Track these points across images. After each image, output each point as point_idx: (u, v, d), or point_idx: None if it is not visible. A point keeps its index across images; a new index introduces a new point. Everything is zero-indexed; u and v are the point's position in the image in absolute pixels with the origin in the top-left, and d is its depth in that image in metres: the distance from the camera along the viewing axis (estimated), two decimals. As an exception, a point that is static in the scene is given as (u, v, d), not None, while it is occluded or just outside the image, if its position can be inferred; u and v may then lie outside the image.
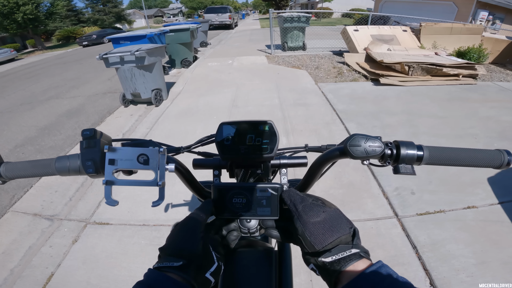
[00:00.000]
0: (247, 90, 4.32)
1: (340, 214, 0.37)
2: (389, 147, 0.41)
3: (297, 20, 6.71)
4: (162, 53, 3.93)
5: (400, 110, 3.38)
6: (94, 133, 0.41)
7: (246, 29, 17.20)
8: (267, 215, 0.42)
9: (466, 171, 2.17)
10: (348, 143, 0.40)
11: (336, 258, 0.32)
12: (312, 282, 1.38)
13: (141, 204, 2.01)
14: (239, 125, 0.46)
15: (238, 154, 0.46)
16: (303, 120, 3.17)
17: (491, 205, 1.84)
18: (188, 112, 3.63)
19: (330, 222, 0.35)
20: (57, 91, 5.83)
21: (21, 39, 22.89)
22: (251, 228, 0.43)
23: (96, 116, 4.04)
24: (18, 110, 4.75)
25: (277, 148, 0.46)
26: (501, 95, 3.86)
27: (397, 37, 6.07)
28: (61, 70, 8.59)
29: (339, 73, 5.02)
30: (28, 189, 2.37)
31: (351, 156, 0.40)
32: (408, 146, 0.41)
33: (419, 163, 0.41)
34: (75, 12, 27.00)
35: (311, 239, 0.34)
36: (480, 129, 2.85)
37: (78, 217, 1.97)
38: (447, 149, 0.42)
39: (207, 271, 0.35)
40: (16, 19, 16.53)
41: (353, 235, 0.34)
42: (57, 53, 15.55)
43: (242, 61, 6.45)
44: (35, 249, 1.73)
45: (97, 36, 17.52)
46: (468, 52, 5.43)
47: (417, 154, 0.41)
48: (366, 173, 2.18)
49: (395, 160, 0.41)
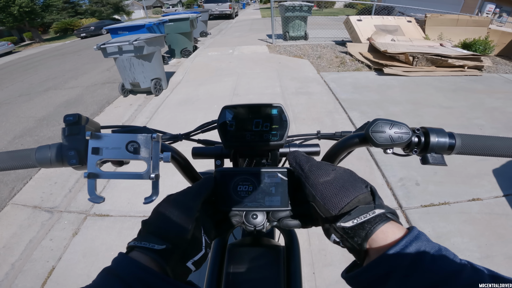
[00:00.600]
0: (248, 79, 4.26)
1: (352, 173, 0.32)
2: (417, 134, 0.36)
3: (299, 9, 6.58)
4: (161, 42, 3.86)
5: (405, 99, 3.32)
6: (78, 118, 0.36)
7: (246, 18, 16.91)
8: (276, 205, 0.37)
9: (472, 161, 2.13)
10: (371, 128, 0.36)
11: (358, 221, 0.26)
12: (315, 275, 1.37)
13: (141, 194, 1.99)
14: (245, 109, 0.41)
15: (243, 141, 0.41)
16: (305, 109, 3.13)
17: (496, 198, 1.81)
18: (188, 101, 3.58)
19: (342, 181, 0.30)
20: (55, 82, 5.76)
21: (18, 32, 22.67)
22: (258, 225, 0.37)
23: (95, 106, 3.99)
24: (16, 102, 4.71)
25: (287, 135, 0.41)
26: (506, 87, 3.79)
27: (401, 28, 5.95)
28: (59, 62, 8.49)
29: (342, 63, 4.93)
30: (27, 180, 2.36)
31: (374, 143, 0.36)
32: (439, 134, 0.36)
33: (450, 152, 0.37)
34: (72, 4, 26.60)
35: (324, 202, 0.29)
36: (485, 120, 2.80)
37: (78, 209, 1.96)
38: (482, 137, 0.37)
39: (191, 259, 0.30)
40: (12, 12, 16.39)
41: (372, 195, 0.29)
42: (55, 45, 15.37)
43: (243, 51, 6.36)
44: (36, 243, 1.72)
45: (95, 27, 17.37)
46: (474, 44, 5.34)
47: (449, 142, 0.36)
48: (370, 163, 2.14)
49: (423, 149, 0.36)
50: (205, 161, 0.54)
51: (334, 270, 1.38)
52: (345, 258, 1.43)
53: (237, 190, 0.38)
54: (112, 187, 2.11)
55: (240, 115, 0.41)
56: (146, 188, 2.03)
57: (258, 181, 0.37)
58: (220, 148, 0.49)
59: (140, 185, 2.08)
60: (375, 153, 2.23)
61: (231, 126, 0.41)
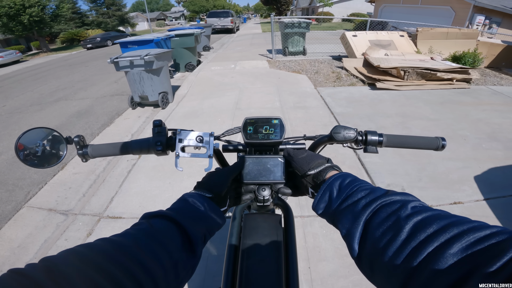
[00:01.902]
0: (250, 93, 4.47)
1: (318, 154, 0.54)
2: (360, 134, 0.58)
3: (298, 25, 6.86)
4: (169, 57, 4.09)
5: (395, 112, 3.53)
6: (161, 122, 0.58)
7: (247, 33, 17.40)
8: (277, 179, 0.56)
9: (454, 169, 2.32)
10: (332, 131, 0.57)
11: (316, 170, 0.47)
12: (311, 269, 1.53)
13: (151, 199, 2.15)
14: (258, 120, 0.62)
15: (257, 139, 0.61)
16: (303, 122, 3.32)
17: (477, 201, 1.98)
18: (193, 114, 3.77)
19: (310, 156, 0.52)
20: (65, 92, 5.99)
21: (25, 40, 22.97)
22: (266, 196, 0.57)
23: (105, 117, 4.18)
24: (28, 111, 4.90)
25: (284, 136, 0.62)
26: (493, 98, 4.01)
27: (394, 42, 6.21)
28: (67, 72, 8.75)
29: (338, 78, 5.18)
30: (42, 185, 2.49)
31: (335, 140, 0.57)
32: (373, 134, 0.58)
33: (380, 145, 0.58)
34: (79, 15, 27.09)
35: (300, 166, 0.50)
36: (470, 130, 2.99)
37: (92, 211, 2.07)
38: (400, 136, 0.58)
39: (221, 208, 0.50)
40: (22, 21, 16.62)
41: (328, 161, 0.49)
42: (62, 55, 15.71)
43: (244, 65, 6.61)
44: (51, 242, 1.81)
45: (101, 39, 17.71)
46: (463, 56, 5.52)
47: (378, 139, 0.57)
48: (360, 171, 2.33)
49: (364, 143, 0.58)
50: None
51: (327, 265, 1.52)
52: (337, 254, 1.59)
53: (254, 169, 0.58)
54: (124, 193, 2.25)
55: (255, 123, 0.62)
56: (155, 194, 2.20)
57: (266, 163, 0.58)
58: (241, 145, 0.70)
59: (150, 190, 2.24)
60: (365, 162, 2.42)
61: (249, 130, 0.62)
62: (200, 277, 1.49)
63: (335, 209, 0.38)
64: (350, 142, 0.58)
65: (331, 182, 0.42)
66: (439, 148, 0.58)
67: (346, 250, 1.55)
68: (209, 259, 1.59)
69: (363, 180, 0.41)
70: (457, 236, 0.25)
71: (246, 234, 0.59)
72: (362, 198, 0.36)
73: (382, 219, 0.31)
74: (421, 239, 0.26)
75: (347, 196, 0.38)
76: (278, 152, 0.65)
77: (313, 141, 0.68)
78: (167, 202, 2.09)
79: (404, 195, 0.35)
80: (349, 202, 0.37)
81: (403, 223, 0.29)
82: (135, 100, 4.14)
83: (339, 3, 27.89)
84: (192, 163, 2.49)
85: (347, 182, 0.40)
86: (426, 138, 0.58)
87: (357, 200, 0.36)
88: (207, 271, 1.52)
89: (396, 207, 0.32)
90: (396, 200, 0.34)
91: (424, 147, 0.58)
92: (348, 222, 0.35)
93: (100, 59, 11.19)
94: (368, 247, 0.31)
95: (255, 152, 0.64)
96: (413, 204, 0.32)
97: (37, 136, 0.55)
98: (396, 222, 0.30)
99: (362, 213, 0.34)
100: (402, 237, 0.28)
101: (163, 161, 2.60)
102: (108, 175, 2.52)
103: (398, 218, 0.30)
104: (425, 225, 0.27)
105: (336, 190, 0.40)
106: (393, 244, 0.28)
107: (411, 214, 0.30)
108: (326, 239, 1.68)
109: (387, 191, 0.36)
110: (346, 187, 0.39)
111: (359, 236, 0.33)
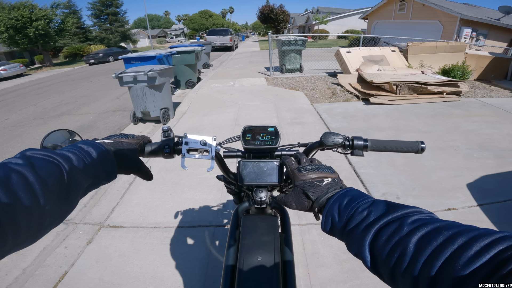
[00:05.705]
0: (248, 110, 4.57)
1: (312, 182, 0.54)
2: (348, 140, 0.64)
3: (294, 43, 7.09)
4: (171, 74, 4.23)
5: (388, 126, 3.64)
6: (169, 128, 0.65)
7: (246, 51, 17.80)
8: (273, 182, 0.62)
9: (447, 177, 2.39)
10: (322, 137, 0.64)
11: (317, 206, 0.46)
12: (310, 274, 1.56)
13: (152, 209, 2.17)
14: (256, 128, 0.69)
15: (254, 145, 0.68)
16: (300, 137, 3.39)
17: (470, 207, 2.03)
18: (194, 130, 3.84)
19: (309, 184, 0.49)
20: (68, 107, 6.10)
21: (29, 54, 22.99)
22: (263, 198, 0.62)
23: (107, 132, 4.25)
24: (31, 125, 4.98)
25: (279, 143, 0.68)
26: (483, 110, 4.15)
27: (386, 58, 6.40)
28: (70, 87, 8.90)
29: (333, 94, 5.32)
30: (44, 196, 2.54)
31: (325, 145, 0.64)
32: (359, 139, 0.64)
33: (366, 149, 0.64)
34: (83, 30, 27.28)
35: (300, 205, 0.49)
36: (461, 141, 3.09)
37: (93, 221, 2.08)
38: (383, 141, 0.65)
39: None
40: (28, 34, 16.64)
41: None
42: (64, 70, 15.89)
43: (243, 83, 6.75)
44: (50, 250, 1.80)
45: (103, 54, 17.82)
46: (452, 69, 5.60)
47: (364, 144, 0.64)
48: (356, 182, 2.40)
49: (351, 147, 0.64)
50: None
51: (326, 270, 1.54)
52: (336, 260, 1.61)
53: (252, 172, 0.64)
54: (125, 203, 2.28)
55: (253, 131, 0.69)
56: (156, 204, 2.22)
57: (263, 166, 0.64)
58: (240, 151, 0.76)
59: (151, 201, 2.27)
60: (360, 174, 2.50)
61: (248, 137, 0.68)
62: (199, 283, 1.51)
63: (341, 232, 0.40)
64: (338, 147, 0.64)
65: (330, 206, 0.42)
66: (419, 151, 0.61)
67: (344, 255, 1.62)
68: (209, 266, 1.62)
69: (361, 194, 0.42)
70: (465, 245, 0.26)
71: (245, 234, 0.63)
72: (361, 221, 0.37)
73: (383, 241, 0.32)
74: (429, 252, 0.28)
75: (347, 220, 0.39)
76: (274, 157, 0.71)
77: (305, 147, 0.74)
78: (168, 212, 2.12)
79: (402, 209, 0.35)
80: (351, 226, 0.38)
81: (406, 242, 0.30)
82: (137, 116, 4.21)
83: (334, 20, 28.91)
84: (192, 176, 2.55)
85: (345, 204, 0.41)
86: (407, 142, 0.63)
87: (356, 225, 0.37)
88: (207, 278, 1.55)
89: (394, 227, 0.33)
90: (394, 219, 0.34)
91: (405, 150, 0.63)
92: (355, 246, 0.36)
93: (103, 75, 11.43)
94: (380, 266, 0.33)
95: (253, 157, 0.70)
96: (412, 219, 0.33)
97: (57, 139, 0.57)
98: (400, 242, 0.31)
99: (365, 238, 0.35)
100: (409, 254, 0.29)
101: (165, 174, 2.65)
102: (109, 187, 2.55)
103: (400, 237, 0.31)
104: (428, 239, 0.29)
105: (337, 214, 0.41)
106: (403, 261, 0.29)
107: (411, 231, 0.31)
108: (324, 246, 1.72)
109: (386, 208, 0.37)
110: (345, 209, 0.40)
111: (369, 257, 0.34)
